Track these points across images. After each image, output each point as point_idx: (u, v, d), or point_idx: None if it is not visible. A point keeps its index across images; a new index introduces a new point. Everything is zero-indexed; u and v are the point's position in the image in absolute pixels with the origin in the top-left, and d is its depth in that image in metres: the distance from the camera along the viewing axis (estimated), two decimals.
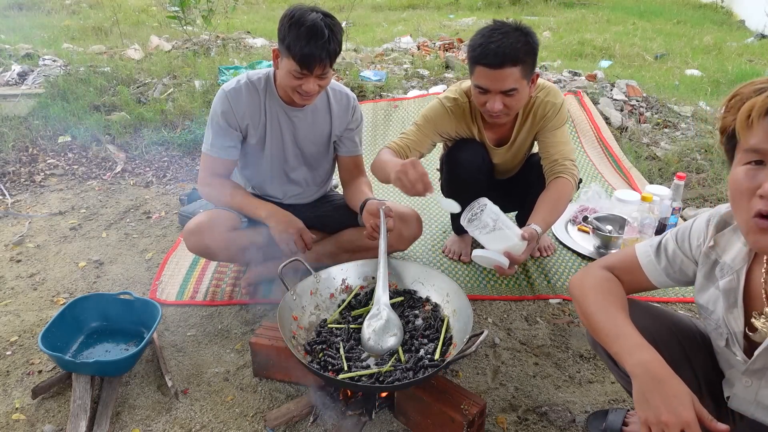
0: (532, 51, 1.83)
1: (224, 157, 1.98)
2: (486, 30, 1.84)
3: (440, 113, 2.08)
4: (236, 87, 1.94)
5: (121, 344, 1.87)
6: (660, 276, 1.23)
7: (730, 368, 1.16)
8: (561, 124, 2.07)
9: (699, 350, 1.23)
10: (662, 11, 8.80)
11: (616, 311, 1.12)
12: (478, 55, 1.81)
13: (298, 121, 2.02)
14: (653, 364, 1.01)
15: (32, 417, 1.65)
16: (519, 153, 2.22)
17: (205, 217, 1.98)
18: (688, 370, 1.22)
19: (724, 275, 1.10)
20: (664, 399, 0.96)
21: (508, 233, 1.72)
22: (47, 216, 2.85)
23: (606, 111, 3.89)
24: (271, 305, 2.12)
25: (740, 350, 1.08)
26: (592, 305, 1.17)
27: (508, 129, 2.13)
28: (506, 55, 1.77)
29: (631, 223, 2.32)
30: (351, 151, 2.15)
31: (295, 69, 1.76)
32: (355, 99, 2.12)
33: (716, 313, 1.12)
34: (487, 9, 9.21)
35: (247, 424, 1.62)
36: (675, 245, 1.20)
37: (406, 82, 4.40)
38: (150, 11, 8.16)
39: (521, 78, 1.83)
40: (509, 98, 1.86)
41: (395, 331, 1.63)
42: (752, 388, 1.09)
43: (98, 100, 3.94)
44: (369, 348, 1.62)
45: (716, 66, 5.60)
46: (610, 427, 1.55)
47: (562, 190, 1.98)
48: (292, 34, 1.72)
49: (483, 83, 1.84)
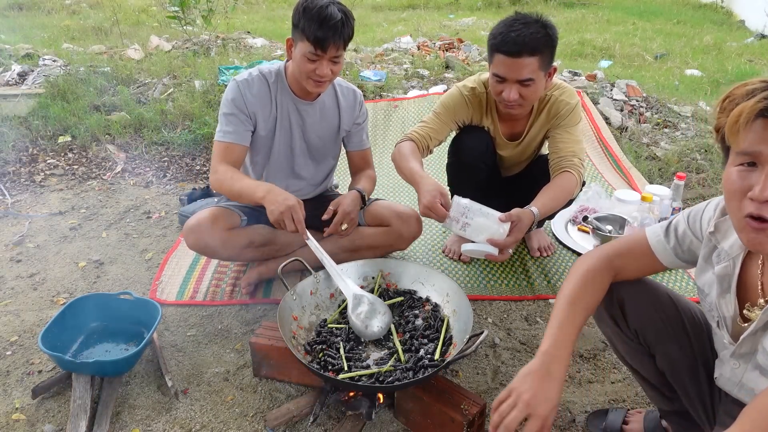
0: (550, 43, 1.86)
1: (235, 142, 1.96)
2: (508, 20, 1.87)
3: (459, 101, 2.12)
4: (248, 78, 1.98)
5: (121, 344, 1.87)
6: (669, 256, 1.24)
7: (723, 349, 1.18)
8: (574, 124, 2.09)
9: (700, 328, 1.27)
10: (662, 11, 8.81)
11: (574, 312, 1.17)
12: (498, 43, 1.84)
13: (307, 115, 2.05)
14: (556, 360, 1.09)
15: (32, 417, 1.65)
16: (529, 148, 2.23)
17: (204, 215, 1.98)
18: (687, 342, 1.25)
19: (721, 261, 1.12)
20: (541, 389, 1.05)
21: (485, 222, 1.76)
22: (47, 216, 2.85)
23: (606, 111, 3.89)
24: (271, 305, 2.12)
25: (728, 334, 1.12)
26: (562, 294, 1.21)
27: (522, 124, 2.15)
28: (525, 44, 1.80)
29: (631, 223, 2.32)
30: (358, 146, 2.22)
31: (309, 50, 1.80)
32: (361, 95, 2.18)
33: (710, 296, 1.15)
34: (487, 9, 9.21)
35: (247, 424, 1.62)
36: (686, 225, 1.22)
37: (406, 82, 4.40)
38: (150, 11, 8.16)
39: (538, 69, 1.86)
40: (525, 88, 1.88)
41: (382, 309, 1.74)
42: (739, 370, 1.12)
43: (98, 100, 3.94)
44: (372, 335, 1.67)
45: (716, 66, 5.60)
46: (609, 427, 1.55)
47: (565, 183, 1.98)
48: (306, 16, 1.77)
49: (501, 71, 1.88)
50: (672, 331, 1.26)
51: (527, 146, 2.21)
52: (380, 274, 1.90)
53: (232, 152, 1.97)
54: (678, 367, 1.27)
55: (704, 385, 1.26)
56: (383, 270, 1.91)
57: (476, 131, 2.17)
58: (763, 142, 0.88)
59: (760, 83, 0.91)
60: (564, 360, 1.10)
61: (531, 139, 2.18)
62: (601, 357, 1.88)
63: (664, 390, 1.37)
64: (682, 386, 1.29)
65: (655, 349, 1.29)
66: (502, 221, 1.76)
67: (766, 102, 0.87)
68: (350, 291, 1.76)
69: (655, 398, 1.44)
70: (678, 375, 1.28)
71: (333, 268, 1.81)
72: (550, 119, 2.10)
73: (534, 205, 1.86)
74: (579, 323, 1.16)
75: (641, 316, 1.28)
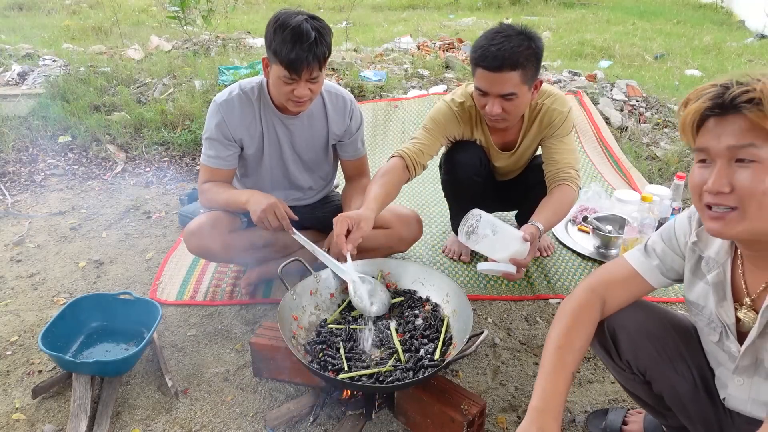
0: (534, 56, 1.81)
1: (222, 167, 1.98)
2: (490, 32, 1.83)
3: (448, 116, 2.07)
4: (228, 99, 1.92)
5: (121, 344, 1.87)
6: (655, 275, 1.24)
7: (719, 366, 1.17)
8: (567, 133, 2.07)
9: (695, 347, 1.24)
10: (662, 11, 8.81)
11: (562, 358, 1.14)
12: (479, 57, 1.81)
13: (294, 128, 2.01)
14: (547, 415, 1.07)
15: (32, 417, 1.65)
16: (522, 158, 2.22)
17: (205, 219, 1.98)
18: (683, 365, 1.23)
19: (711, 269, 1.12)
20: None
21: (510, 240, 1.72)
22: (47, 216, 2.85)
23: (606, 111, 3.89)
24: (271, 305, 2.12)
25: (735, 342, 1.10)
26: (549, 339, 1.19)
27: (515, 134, 2.13)
28: (505, 59, 1.76)
29: (631, 223, 2.32)
30: (353, 155, 2.15)
31: (284, 74, 1.74)
32: (352, 101, 2.09)
33: (708, 308, 1.14)
34: (487, 9, 9.22)
35: (247, 424, 1.62)
36: (663, 245, 1.23)
37: (406, 82, 4.40)
38: (150, 11, 8.16)
39: (521, 83, 1.81)
40: (508, 102, 1.85)
41: (382, 288, 1.80)
42: (745, 385, 1.11)
43: (98, 100, 3.95)
44: (376, 311, 1.73)
45: (716, 66, 5.60)
46: (609, 427, 1.55)
47: (564, 197, 1.98)
48: (278, 38, 1.69)
49: (482, 85, 1.85)
50: (667, 357, 1.23)
51: (521, 156, 2.19)
52: (380, 274, 1.90)
53: (217, 174, 2.00)
54: (676, 393, 1.24)
55: (707, 406, 1.23)
56: (383, 270, 1.91)
57: (468, 147, 2.13)
58: (711, 139, 0.96)
59: (710, 86, 0.96)
60: (555, 413, 1.07)
61: (525, 148, 2.16)
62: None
63: (660, 409, 1.35)
64: (682, 408, 1.25)
65: (651, 376, 1.26)
66: (526, 240, 1.73)
67: (710, 102, 0.95)
68: (348, 275, 1.77)
69: (651, 414, 1.43)
70: (676, 398, 1.25)
71: (326, 258, 1.81)
72: (543, 129, 2.07)
73: (538, 221, 1.85)
74: (570, 368, 1.13)
75: (634, 347, 1.25)
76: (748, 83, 0.92)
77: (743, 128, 0.92)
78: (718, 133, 0.94)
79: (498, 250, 1.74)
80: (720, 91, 0.94)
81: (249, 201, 1.86)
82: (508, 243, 1.73)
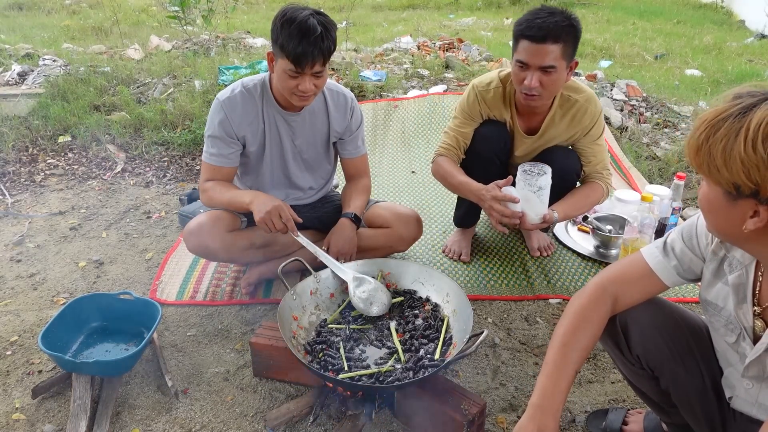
0: (574, 34, 1.89)
1: (224, 165, 1.98)
2: (534, 9, 1.92)
3: (472, 101, 2.17)
4: (231, 96, 1.93)
5: (121, 344, 1.87)
6: (672, 275, 1.22)
7: (728, 366, 1.17)
8: (600, 134, 2.15)
9: (706, 345, 1.23)
10: (662, 11, 8.80)
11: (565, 356, 1.14)
12: (524, 29, 1.88)
13: (296, 125, 2.02)
14: (546, 413, 1.08)
15: (32, 417, 1.65)
16: (546, 146, 2.23)
17: (205, 218, 1.98)
18: (693, 362, 1.22)
19: (733, 270, 1.10)
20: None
21: (540, 206, 1.95)
22: (47, 216, 2.85)
23: (606, 111, 3.89)
24: (271, 305, 2.12)
25: (750, 345, 1.09)
26: (554, 336, 1.19)
27: (540, 119, 2.15)
28: (550, 30, 1.84)
29: (631, 223, 2.32)
30: (353, 153, 2.16)
31: (289, 68, 1.75)
32: (353, 99, 2.10)
33: (726, 309, 1.13)
34: (487, 9, 9.21)
35: (247, 424, 1.62)
36: (683, 244, 1.20)
37: (406, 82, 4.39)
38: (150, 11, 8.15)
39: (561, 57, 1.88)
40: (546, 76, 1.90)
41: (382, 288, 1.82)
42: (754, 389, 1.11)
43: (98, 100, 3.94)
44: (376, 311, 1.75)
45: (716, 66, 5.60)
46: (609, 427, 1.55)
47: (592, 193, 2.15)
48: (285, 32, 1.71)
49: (524, 57, 1.90)
50: (678, 354, 1.22)
51: (545, 143, 2.21)
52: (380, 274, 1.90)
53: (219, 172, 2.00)
54: (684, 389, 1.24)
55: (713, 404, 1.22)
56: (383, 270, 1.91)
57: (495, 125, 2.19)
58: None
59: None
60: (555, 411, 1.07)
61: (550, 137, 2.17)
62: (601, 357, 1.88)
63: (664, 405, 1.34)
64: (688, 406, 1.25)
65: (660, 373, 1.26)
66: (544, 220, 1.97)
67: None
68: (349, 275, 1.82)
69: (654, 410, 1.43)
70: (684, 396, 1.25)
71: (328, 260, 1.85)
72: (575, 125, 2.12)
73: (556, 209, 1.99)
74: (573, 366, 1.13)
75: (645, 342, 1.24)
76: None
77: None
78: None
79: (529, 200, 1.94)
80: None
81: (253, 202, 1.86)
82: (537, 206, 1.94)
